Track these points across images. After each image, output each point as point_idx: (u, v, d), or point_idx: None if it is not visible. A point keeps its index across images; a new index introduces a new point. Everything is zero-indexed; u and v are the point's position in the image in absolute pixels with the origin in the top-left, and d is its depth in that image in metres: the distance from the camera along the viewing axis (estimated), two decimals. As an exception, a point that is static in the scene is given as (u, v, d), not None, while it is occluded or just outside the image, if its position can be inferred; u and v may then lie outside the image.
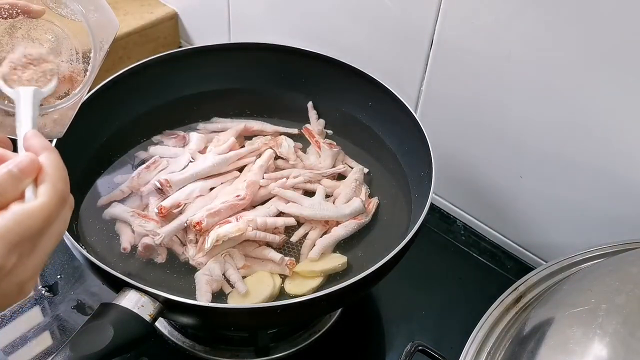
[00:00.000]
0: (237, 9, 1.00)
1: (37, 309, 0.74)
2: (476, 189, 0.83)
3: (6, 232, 0.32)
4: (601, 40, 0.61)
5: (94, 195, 0.71)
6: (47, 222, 0.34)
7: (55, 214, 0.34)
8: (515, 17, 0.66)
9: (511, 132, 0.74)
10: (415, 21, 0.75)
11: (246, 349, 0.70)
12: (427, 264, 0.80)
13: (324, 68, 0.79)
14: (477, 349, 0.54)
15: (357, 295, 0.66)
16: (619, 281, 0.49)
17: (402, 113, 0.72)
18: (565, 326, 0.47)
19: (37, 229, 0.33)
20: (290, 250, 0.67)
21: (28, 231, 0.33)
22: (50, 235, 0.35)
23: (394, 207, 0.72)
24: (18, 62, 0.43)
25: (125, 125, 0.77)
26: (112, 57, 1.07)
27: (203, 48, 0.82)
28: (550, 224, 0.77)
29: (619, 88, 0.62)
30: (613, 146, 0.66)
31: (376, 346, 0.73)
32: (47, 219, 0.34)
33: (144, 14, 1.12)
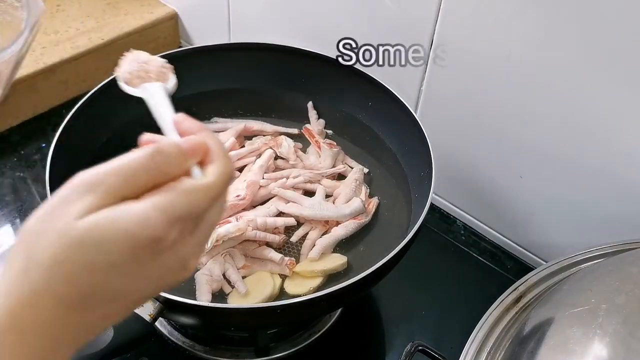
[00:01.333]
0: (237, 9, 1.00)
1: (37, 309, 0.74)
2: (476, 189, 0.83)
3: (170, 206, 0.31)
4: (601, 40, 0.61)
5: (94, 195, 0.70)
6: (212, 200, 0.34)
7: (220, 193, 0.34)
8: (515, 17, 0.66)
9: (511, 132, 0.74)
10: (415, 21, 0.75)
11: (246, 349, 0.70)
12: (427, 264, 0.80)
13: (324, 68, 0.79)
14: (477, 349, 0.54)
15: (357, 295, 0.66)
16: (619, 281, 0.49)
17: (402, 113, 0.72)
18: (565, 326, 0.47)
19: (202, 207, 0.33)
20: (290, 250, 0.67)
21: (193, 208, 0.33)
22: (212, 215, 0.34)
23: (394, 207, 0.72)
24: None
25: (125, 125, 0.77)
26: (112, 57, 1.07)
27: (203, 48, 0.82)
28: (550, 224, 0.77)
29: (619, 88, 0.62)
30: (613, 146, 0.66)
31: (376, 346, 0.73)
32: (213, 199, 0.34)
33: (144, 14, 1.12)
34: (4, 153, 0.94)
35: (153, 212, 0.31)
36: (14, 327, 0.30)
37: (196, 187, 0.33)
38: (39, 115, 1.01)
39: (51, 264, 0.30)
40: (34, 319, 0.30)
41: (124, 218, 0.30)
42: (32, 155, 0.94)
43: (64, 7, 1.13)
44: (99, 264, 0.30)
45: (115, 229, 0.30)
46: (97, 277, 0.30)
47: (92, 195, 0.31)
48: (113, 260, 0.30)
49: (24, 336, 0.30)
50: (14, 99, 0.97)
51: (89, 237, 0.30)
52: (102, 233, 0.30)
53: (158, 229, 0.31)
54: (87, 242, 0.30)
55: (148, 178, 0.32)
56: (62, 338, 0.31)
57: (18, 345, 0.30)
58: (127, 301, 0.33)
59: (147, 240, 0.31)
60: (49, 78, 1.00)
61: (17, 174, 0.91)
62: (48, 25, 1.08)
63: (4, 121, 0.98)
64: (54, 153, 0.64)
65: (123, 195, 0.31)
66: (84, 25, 1.08)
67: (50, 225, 0.30)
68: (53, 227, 0.30)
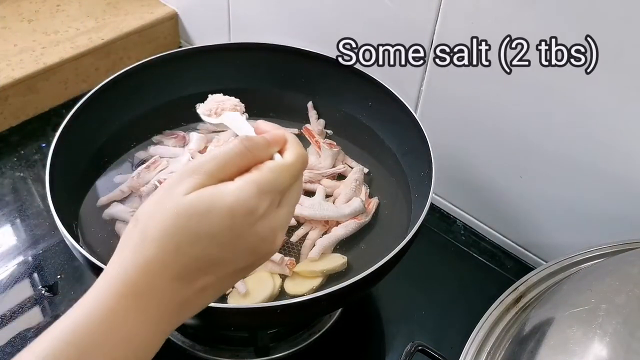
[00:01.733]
0: (237, 9, 1.00)
1: (37, 309, 0.74)
2: (476, 189, 0.83)
3: (261, 179, 0.38)
4: (601, 39, 0.61)
5: (94, 195, 0.71)
6: (293, 179, 0.41)
7: (298, 173, 0.41)
8: (515, 16, 0.66)
9: (511, 132, 0.74)
10: (415, 21, 0.75)
11: (246, 349, 0.70)
12: (427, 264, 0.80)
13: (324, 68, 0.79)
14: (477, 349, 0.54)
15: (357, 295, 0.66)
16: (619, 281, 0.49)
17: (402, 113, 0.72)
18: (565, 326, 0.47)
19: (286, 183, 0.40)
20: (290, 250, 0.67)
21: (279, 183, 0.39)
22: (293, 192, 0.41)
23: (394, 207, 0.72)
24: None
25: (125, 125, 0.77)
26: (112, 57, 1.07)
27: (203, 48, 0.82)
28: (550, 224, 0.77)
29: (620, 88, 0.62)
30: (613, 146, 0.66)
31: (376, 346, 0.73)
32: (294, 176, 0.40)
33: (144, 14, 1.12)
34: (4, 153, 0.94)
35: (246, 186, 0.37)
36: (132, 293, 0.35)
37: (279, 164, 0.40)
38: (39, 115, 1.01)
39: (162, 236, 0.36)
40: (147, 286, 0.35)
41: (223, 192, 0.36)
42: (32, 155, 0.94)
43: (64, 7, 1.13)
44: (202, 234, 0.36)
45: (216, 201, 0.36)
46: (200, 246, 0.36)
47: (195, 177, 0.37)
48: (214, 230, 0.36)
49: (141, 300, 0.35)
50: (14, 99, 0.97)
51: (193, 209, 0.36)
52: (204, 205, 0.36)
53: (252, 199, 0.37)
54: (192, 213, 0.36)
55: (241, 162, 0.39)
56: (170, 306, 0.37)
57: (136, 308, 0.35)
58: (223, 273, 0.38)
59: (242, 209, 0.36)
60: (49, 78, 1.00)
61: (17, 174, 0.91)
62: (48, 25, 1.08)
63: (4, 121, 0.98)
64: (54, 153, 0.64)
65: (220, 177, 0.38)
66: (84, 25, 1.08)
67: (161, 205, 0.37)
68: (163, 206, 0.36)
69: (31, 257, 0.80)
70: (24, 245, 0.81)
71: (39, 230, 0.83)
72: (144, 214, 0.37)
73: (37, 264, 0.79)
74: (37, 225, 0.83)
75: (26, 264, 0.79)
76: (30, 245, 0.81)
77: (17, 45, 1.02)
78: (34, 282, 0.77)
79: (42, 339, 0.34)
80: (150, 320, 0.36)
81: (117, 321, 0.35)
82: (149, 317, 0.36)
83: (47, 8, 1.13)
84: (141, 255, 0.36)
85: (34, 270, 0.78)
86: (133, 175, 0.71)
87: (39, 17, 1.10)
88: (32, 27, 1.07)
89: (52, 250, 0.80)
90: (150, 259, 0.35)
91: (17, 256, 0.80)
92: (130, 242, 0.37)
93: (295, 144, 0.42)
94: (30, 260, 0.79)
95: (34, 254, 0.80)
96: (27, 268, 0.78)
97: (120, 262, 0.36)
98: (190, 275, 0.36)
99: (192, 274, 0.36)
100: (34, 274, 0.78)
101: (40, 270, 0.78)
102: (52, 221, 0.59)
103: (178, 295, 0.37)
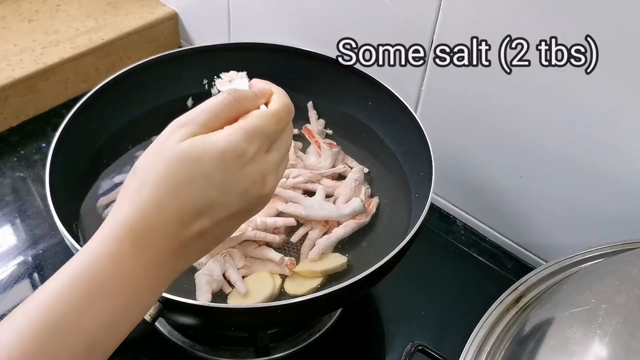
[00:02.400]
0: (237, 9, 1.00)
1: (37, 309, 0.74)
2: (476, 189, 0.83)
3: (248, 125, 0.41)
4: (601, 39, 0.61)
5: (94, 195, 0.71)
6: (278, 124, 0.43)
7: (284, 119, 0.44)
8: (515, 16, 0.66)
9: (511, 132, 0.74)
10: (415, 21, 0.75)
11: (246, 349, 0.70)
12: (427, 264, 0.80)
13: (324, 68, 0.78)
14: (477, 349, 0.54)
15: (357, 295, 0.66)
16: (619, 281, 0.49)
17: (402, 113, 0.72)
18: (565, 326, 0.47)
19: (271, 128, 0.42)
20: (290, 250, 0.67)
21: (265, 128, 0.42)
22: (282, 139, 0.44)
23: (394, 207, 0.72)
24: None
25: (125, 125, 0.77)
26: (112, 57, 1.07)
27: (203, 48, 0.82)
28: (550, 224, 0.77)
29: (620, 88, 0.62)
30: (613, 146, 0.66)
31: (376, 346, 0.73)
32: (278, 121, 0.43)
33: (144, 14, 1.12)
34: (4, 153, 0.94)
35: (235, 131, 0.40)
36: (132, 236, 0.37)
37: (265, 111, 0.43)
38: (39, 115, 1.01)
39: (158, 180, 0.38)
40: (146, 229, 0.38)
41: (214, 137, 0.39)
42: (32, 155, 0.94)
43: (64, 7, 1.13)
44: (196, 176, 0.38)
45: (208, 147, 0.39)
46: (194, 188, 0.38)
47: (187, 127, 0.40)
48: (207, 171, 0.38)
49: (140, 243, 0.37)
50: (14, 99, 0.97)
51: (187, 153, 0.38)
52: (198, 150, 0.39)
53: (240, 143, 0.40)
54: (186, 158, 0.38)
55: (230, 111, 0.42)
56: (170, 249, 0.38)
57: (135, 250, 0.37)
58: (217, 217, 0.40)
59: (232, 153, 0.39)
60: (49, 78, 1.00)
61: (17, 174, 0.91)
62: (48, 25, 1.08)
63: (4, 121, 0.98)
64: (54, 153, 0.64)
65: (211, 127, 0.41)
66: (84, 25, 1.08)
67: (156, 155, 0.39)
68: (159, 155, 0.39)
69: (31, 257, 0.80)
70: (24, 245, 0.81)
71: (39, 230, 0.83)
72: (141, 165, 0.40)
73: (37, 264, 0.79)
74: (37, 225, 0.83)
75: (26, 264, 0.79)
76: (30, 245, 0.81)
77: (17, 45, 1.02)
78: (34, 282, 0.77)
79: (49, 282, 0.37)
80: (151, 262, 0.38)
81: (118, 263, 0.37)
82: (150, 259, 0.38)
83: (47, 8, 1.13)
84: (139, 200, 0.38)
85: (34, 270, 0.78)
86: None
87: (39, 17, 1.10)
88: (32, 27, 1.07)
89: (52, 250, 0.80)
90: (147, 202, 0.38)
91: (17, 256, 0.80)
92: (128, 190, 0.39)
93: (280, 95, 0.45)
94: (30, 260, 0.79)
95: (34, 254, 0.80)
96: (27, 268, 0.78)
97: (119, 208, 0.38)
98: (187, 217, 0.38)
99: (188, 215, 0.38)
100: (34, 274, 0.78)
101: (40, 270, 0.78)
102: (52, 221, 0.59)
103: (176, 238, 0.38)
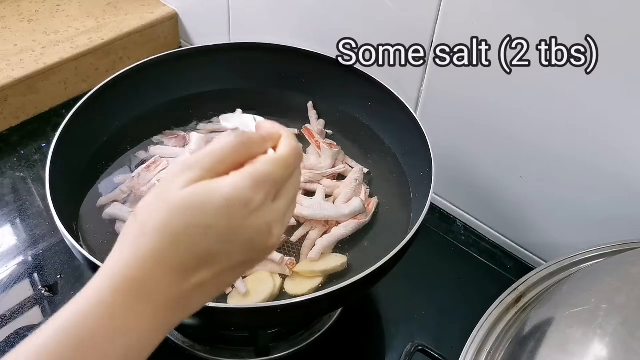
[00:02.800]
0: (237, 9, 1.00)
1: (37, 309, 0.74)
2: (476, 189, 0.83)
3: (254, 172, 0.38)
4: (601, 39, 0.61)
5: (94, 195, 0.71)
6: (287, 170, 0.41)
7: (293, 165, 0.41)
8: (515, 16, 0.66)
9: (511, 132, 0.74)
10: (415, 21, 0.75)
11: (246, 349, 0.70)
12: (427, 264, 0.80)
13: (324, 68, 0.79)
14: (477, 349, 0.54)
15: (357, 295, 0.66)
16: (619, 281, 0.49)
17: (402, 113, 0.72)
18: (565, 326, 0.47)
19: (279, 174, 0.40)
20: (290, 250, 0.67)
21: (273, 175, 0.39)
22: (290, 185, 0.41)
23: (394, 207, 0.72)
24: None
25: (125, 125, 0.77)
26: (112, 57, 1.07)
27: (203, 48, 0.82)
28: (550, 224, 0.77)
29: (620, 88, 0.62)
30: (613, 146, 0.66)
31: (376, 346, 0.73)
32: (287, 167, 0.41)
33: (144, 14, 1.12)
34: (4, 153, 0.94)
35: (241, 178, 0.38)
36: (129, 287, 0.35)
37: (272, 157, 0.40)
38: (39, 115, 1.02)
39: (159, 228, 0.36)
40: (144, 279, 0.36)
41: (219, 185, 0.37)
42: (32, 155, 0.94)
43: (64, 7, 1.13)
44: (199, 225, 0.36)
45: (212, 194, 0.37)
46: (196, 237, 0.36)
47: (192, 172, 0.38)
48: (210, 221, 0.36)
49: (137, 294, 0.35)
50: (14, 99, 0.97)
51: (190, 201, 0.36)
52: (201, 197, 0.37)
53: (246, 191, 0.37)
54: (189, 205, 0.36)
55: (236, 156, 0.39)
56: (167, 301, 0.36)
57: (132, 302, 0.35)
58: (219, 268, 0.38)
59: (237, 201, 0.37)
60: (49, 78, 1.00)
61: (17, 174, 0.91)
62: (48, 25, 1.08)
63: (4, 121, 0.98)
64: (54, 153, 0.64)
65: (217, 171, 0.38)
66: (84, 25, 1.08)
67: (159, 200, 0.37)
68: (161, 200, 0.37)
69: (31, 257, 0.80)
70: (24, 245, 0.81)
71: (39, 230, 0.83)
72: (143, 209, 0.38)
73: (37, 264, 0.79)
74: (37, 225, 0.83)
75: (26, 264, 0.79)
76: (30, 245, 0.81)
77: (17, 45, 1.02)
78: (34, 282, 0.77)
79: (40, 331, 0.35)
80: (147, 314, 0.36)
81: (113, 314, 0.35)
82: (145, 311, 0.36)
83: (47, 8, 1.13)
84: (138, 249, 0.36)
85: (34, 270, 0.78)
86: (133, 175, 0.71)
87: (39, 17, 1.10)
88: (32, 27, 1.07)
89: (52, 250, 0.80)
90: (147, 251, 0.36)
91: (17, 256, 0.80)
92: (128, 236, 0.37)
93: (289, 139, 0.43)
94: (30, 260, 0.79)
95: (34, 254, 0.80)
96: (27, 268, 0.78)
97: (118, 256, 0.37)
98: (188, 268, 0.37)
99: (189, 266, 0.37)
100: (34, 274, 0.78)
101: (40, 270, 0.78)
102: (52, 221, 0.59)
103: (175, 289, 0.36)
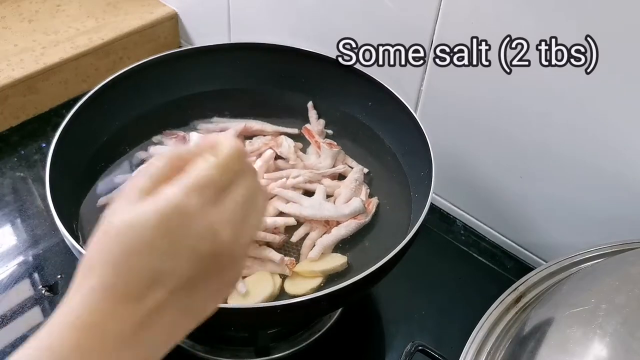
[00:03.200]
0: (237, 9, 1.00)
1: (37, 309, 0.74)
2: (476, 189, 0.83)
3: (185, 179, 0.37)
4: (601, 39, 0.61)
5: (94, 195, 0.71)
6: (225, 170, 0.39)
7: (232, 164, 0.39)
8: (515, 16, 0.66)
9: (511, 132, 0.74)
10: (415, 21, 0.75)
11: (246, 349, 0.70)
12: (427, 264, 0.80)
13: (324, 68, 0.79)
14: (477, 349, 0.54)
15: (357, 295, 0.66)
16: (619, 281, 0.49)
17: (402, 113, 0.72)
18: (565, 326, 0.47)
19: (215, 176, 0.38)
20: (290, 250, 0.67)
21: (206, 178, 0.38)
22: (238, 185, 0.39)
23: (394, 207, 0.72)
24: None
25: (125, 125, 0.77)
26: (112, 57, 1.07)
27: (203, 48, 0.82)
28: (550, 224, 0.77)
29: (620, 88, 0.62)
30: (613, 146, 0.66)
31: (376, 346, 0.73)
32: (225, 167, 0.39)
33: (144, 14, 1.12)
34: (4, 153, 0.94)
35: (172, 189, 0.36)
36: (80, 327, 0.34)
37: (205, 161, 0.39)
38: (39, 115, 1.01)
39: (99, 261, 0.35)
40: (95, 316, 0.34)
41: (150, 201, 0.36)
42: (32, 155, 0.94)
43: (64, 7, 1.13)
44: (136, 246, 0.35)
45: (144, 211, 0.36)
46: (135, 259, 0.35)
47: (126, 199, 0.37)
48: (149, 239, 0.35)
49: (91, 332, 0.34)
50: (14, 99, 0.97)
51: (126, 225, 0.35)
52: (136, 219, 0.35)
53: (179, 197, 0.36)
54: (125, 231, 0.35)
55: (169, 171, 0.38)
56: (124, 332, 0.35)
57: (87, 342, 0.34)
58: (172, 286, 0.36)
59: (172, 210, 0.36)
60: (49, 78, 1.00)
61: (17, 174, 0.91)
62: (48, 25, 1.08)
63: (4, 121, 0.98)
64: (54, 153, 0.64)
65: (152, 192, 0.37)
66: (84, 25, 1.08)
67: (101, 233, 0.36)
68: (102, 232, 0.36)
69: (31, 257, 0.80)
70: (24, 245, 0.81)
71: (39, 230, 0.83)
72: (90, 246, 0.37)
73: (37, 264, 0.79)
74: (37, 225, 0.83)
75: (26, 264, 0.79)
76: (31, 245, 0.81)
77: (17, 45, 1.02)
78: (34, 282, 0.77)
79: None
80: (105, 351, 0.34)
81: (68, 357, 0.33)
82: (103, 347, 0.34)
83: (47, 8, 1.13)
84: (83, 287, 0.35)
85: (34, 270, 0.78)
86: (133, 175, 0.71)
87: (39, 17, 1.10)
88: (32, 27, 1.07)
89: (52, 250, 0.80)
90: (91, 288, 0.35)
91: (18, 256, 0.80)
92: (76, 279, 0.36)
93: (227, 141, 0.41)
94: (30, 260, 0.79)
95: (34, 254, 0.80)
96: (27, 268, 0.78)
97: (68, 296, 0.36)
98: (136, 292, 0.35)
99: (137, 290, 0.35)
100: (34, 274, 0.78)
101: (40, 270, 0.78)
102: (52, 221, 0.59)
103: (129, 318, 0.35)
